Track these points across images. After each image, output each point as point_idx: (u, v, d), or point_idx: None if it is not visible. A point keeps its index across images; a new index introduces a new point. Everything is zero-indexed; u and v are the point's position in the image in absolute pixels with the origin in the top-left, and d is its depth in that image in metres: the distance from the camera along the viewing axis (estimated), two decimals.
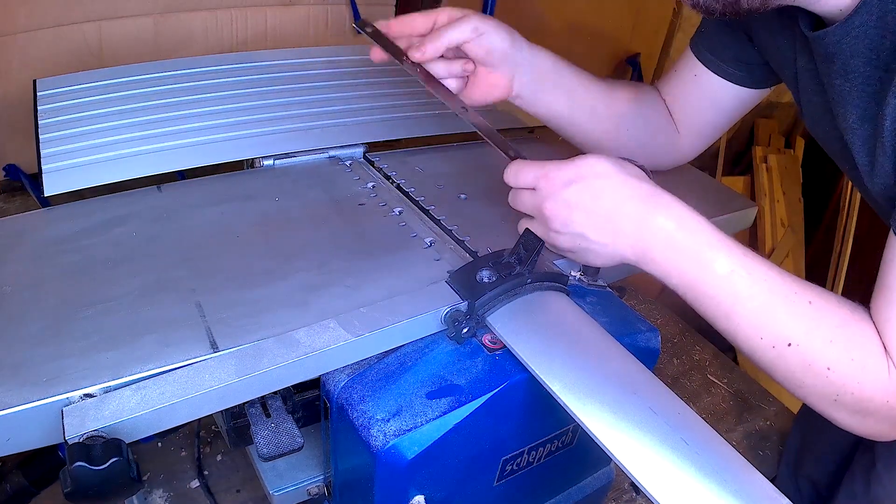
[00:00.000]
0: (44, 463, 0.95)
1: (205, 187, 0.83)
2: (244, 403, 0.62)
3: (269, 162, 0.88)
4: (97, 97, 0.86)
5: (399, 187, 0.88)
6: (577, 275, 0.75)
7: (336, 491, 0.73)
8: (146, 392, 0.53)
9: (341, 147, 0.93)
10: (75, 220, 0.74)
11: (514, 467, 0.70)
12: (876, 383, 0.59)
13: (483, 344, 0.66)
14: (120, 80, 0.88)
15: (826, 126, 0.71)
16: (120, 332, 0.60)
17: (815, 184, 2.33)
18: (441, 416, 0.59)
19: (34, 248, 0.69)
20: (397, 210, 0.83)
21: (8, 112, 1.26)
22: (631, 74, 2.07)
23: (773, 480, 0.71)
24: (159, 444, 1.07)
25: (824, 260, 2.15)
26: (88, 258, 0.69)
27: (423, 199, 0.85)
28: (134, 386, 0.54)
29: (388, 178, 0.90)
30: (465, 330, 0.65)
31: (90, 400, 0.53)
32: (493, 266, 0.68)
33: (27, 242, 0.70)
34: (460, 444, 0.61)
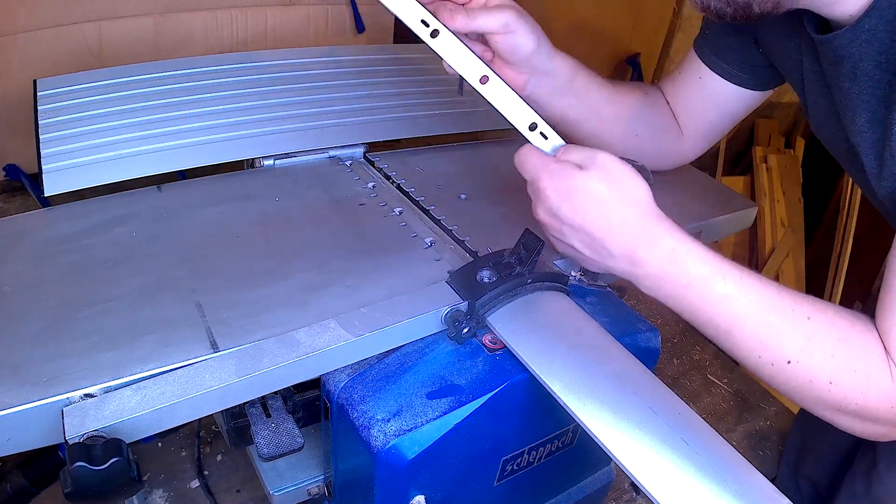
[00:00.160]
0: (44, 463, 0.95)
1: (205, 187, 0.83)
2: (244, 403, 0.62)
3: (270, 162, 0.88)
4: (97, 97, 0.85)
5: (399, 187, 0.88)
6: (578, 275, 0.76)
7: (336, 491, 0.73)
8: (146, 392, 0.53)
9: (341, 147, 0.93)
10: (75, 220, 0.74)
11: (515, 467, 0.70)
12: (880, 392, 0.59)
13: (483, 344, 0.66)
14: (120, 80, 0.88)
15: (832, 128, 0.71)
16: (120, 332, 0.60)
17: (815, 184, 2.33)
18: (441, 416, 0.59)
19: (34, 248, 0.69)
20: (397, 210, 0.83)
21: (8, 112, 1.26)
22: (631, 74, 2.07)
23: (774, 480, 0.72)
24: (159, 444, 1.07)
25: (824, 260, 2.15)
26: (88, 258, 0.69)
27: (423, 199, 0.85)
28: (134, 386, 0.54)
29: (388, 178, 0.90)
30: (466, 330, 0.65)
31: (90, 400, 0.53)
32: (494, 266, 0.68)
33: (27, 242, 0.70)
34: (461, 445, 0.61)
